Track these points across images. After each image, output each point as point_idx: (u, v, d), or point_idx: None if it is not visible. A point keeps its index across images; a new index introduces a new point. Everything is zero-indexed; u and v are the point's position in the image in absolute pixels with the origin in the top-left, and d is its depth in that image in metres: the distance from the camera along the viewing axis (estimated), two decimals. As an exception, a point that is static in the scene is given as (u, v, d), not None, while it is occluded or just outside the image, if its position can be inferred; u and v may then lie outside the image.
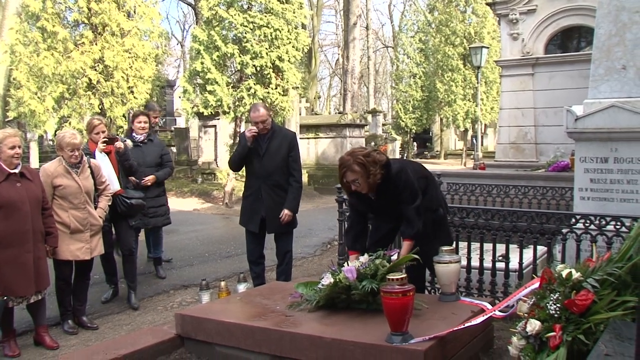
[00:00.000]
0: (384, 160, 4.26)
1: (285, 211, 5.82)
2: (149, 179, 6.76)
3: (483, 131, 32.84)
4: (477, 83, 20.62)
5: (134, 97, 11.82)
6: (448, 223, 4.91)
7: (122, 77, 11.61)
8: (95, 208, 5.48)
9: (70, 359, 3.93)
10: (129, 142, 6.62)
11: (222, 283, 5.79)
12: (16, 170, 4.74)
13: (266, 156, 5.80)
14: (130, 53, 11.89)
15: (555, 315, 3.07)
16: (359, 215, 4.65)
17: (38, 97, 11.29)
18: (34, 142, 18.13)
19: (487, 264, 5.09)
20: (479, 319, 3.59)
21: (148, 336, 4.25)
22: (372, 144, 30.50)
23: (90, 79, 11.40)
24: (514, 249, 5.05)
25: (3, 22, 14.49)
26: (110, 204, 5.74)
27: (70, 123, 11.18)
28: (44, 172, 5.20)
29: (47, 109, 11.25)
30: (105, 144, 5.90)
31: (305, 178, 15.23)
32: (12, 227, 4.64)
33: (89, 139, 6.14)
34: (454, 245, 4.74)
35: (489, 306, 3.92)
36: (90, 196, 5.39)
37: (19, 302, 4.82)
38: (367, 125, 25.22)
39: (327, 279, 3.97)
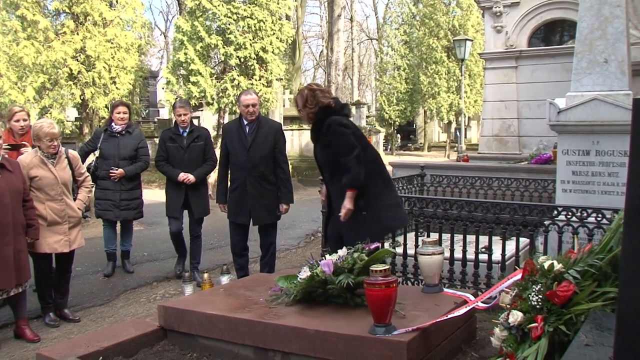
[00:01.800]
0: (324, 105, 4.62)
1: (284, 206, 5.92)
2: (117, 172, 6.57)
3: (467, 124, 33.04)
4: (461, 75, 20.69)
5: (116, 87, 11.69)
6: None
7: (104, 67, 11.47)
8: (75, 200, 5.43)
9: (51, 352, 3.88)
10: None
11: (205, 275, 5.78)
12: (-4, 162, 4.68)
13: (252, 147, 5.78)
14: (112, 43, 11.75)
15: (537, 306, 3.09)
16: None
17: (18, 87, 11.12)
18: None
19: (470, 255, 5.13)
20: (462, 310, 3.61)
21: (130, 328, 4.22)
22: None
23: (71, 69, 11.24)
24: (496, 241, 5.09)
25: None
26: (90, 195, 5.69)
27: (51, 114, 11.03)
28: (19, 163, 5.11)
29: (28, 100, 11.08)
30: (7, 150, 5.40)
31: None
32: (-8, 219, 4.58)
33: (6, 128, 5.88)
34: (435, 236, 4.76)
35: (472, 297, 3.94)
36: (67, 187, 5.31)
37: (-1, 295, 4.77)
38: (351, 117, 25.20)
39: (305, 273, 3.96)
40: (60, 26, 11.67)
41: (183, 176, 6.38)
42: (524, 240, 5.28)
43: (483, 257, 5.09)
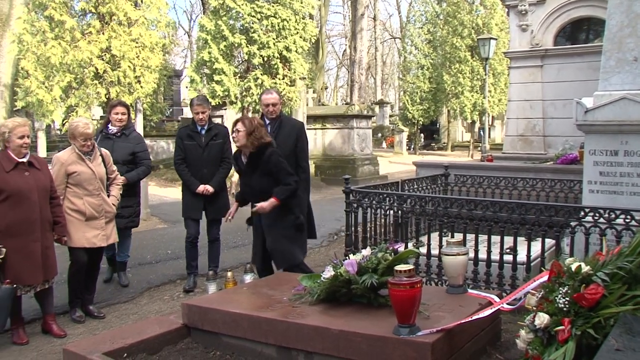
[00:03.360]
0: (266, 142, 5.09)
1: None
2: (120, 180, 6.11)
3: (490, 123, 32.69)
4: (485, 75, 20.48)
5: (141, 86, 11.81)
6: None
7: (129, 66, 11.59)
8: (108, 196, 5.51)
9: (77, 348, 3.92)
10: None
11: (229, 273, 5.79)
12: (24, 160, 4.76)
13: None
14: (137, 42, 11.87)
15: (564, 308, 3.05)
16: None
17: (45, 87, 11.29)
18: (41, 131, 18.16)
19: (495, 256, 5.07)
20: (487, 312, 3.57)
21: (154, 326, 4.26)
22: (379, 135, 30.36)
23: (97, 69, 11.38)
24: (521, 242, 5.03)
25: (11, 12, 14.45)
26: (121, 192, 5.75)
27: (77, 112, 11.17)
28: (57, 160, 5.23)
29: (55, 99, 11.25)
30: None
31: (312, 169, 15.21)
32: (20, 216, 4.67)
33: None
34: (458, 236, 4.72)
35: (497, 299, 3.90)
36: (103, 183, 5.43)
37: (27, 290, 4.86)
38: (374, 116, 25.15)
39: (329, 272, 3.95)
40: (86, 26, 11.83)
41: (202, 189, 6.15)
42: (549, 242, 5.20)
43: (508, 258, 5.03)
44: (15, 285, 4.68)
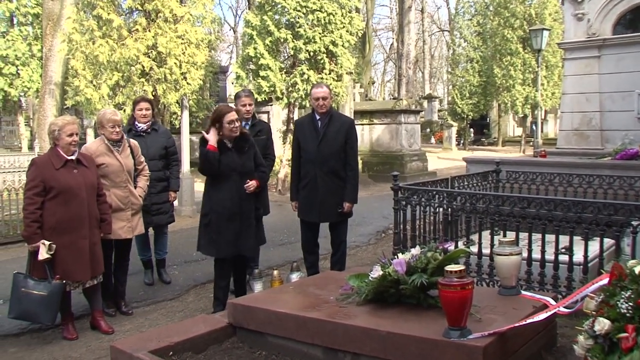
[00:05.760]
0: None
1: (347, 204, 5.75)
2: (172, 197, 6.42)
3: (543, 117, 31.88)
4: (538, 67, 19.91)
5: (187, 83, 11.87)
6: None
7: (175, 63, 11.64)
8: (135, 188, 5.54)
9: (124, 345, 3.93)
10: None
11: (275, 272, 5.72)
12: (73, 157, 4.82)
13: (323, 142, 5.69)
14: (183, 39, 11.92)
15: (628, 314, 2.85)
16: None
17: (94, 85, 11.47)
18: (90, 128, 18.56)
19: (550, 256, 4.86)
20: (543, 315, 3.40)
21: (200, 324, 4.23)
22: (428, 130, 29.98)
23: (143, 66, 11.49)
24: (578, 241, 4.80)
25: (62, 12, 14.78)
26: (148, 184, 5.76)
27: (124, 110, 11.32)
28: (86, 151, 5.25)
29: (103, 97, 11.42)
30: None
31: (359, 165, 15.09)
32: (70, 213, 4.74)
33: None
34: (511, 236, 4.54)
35: (552, 301, 3.72)
36: (130, 175, 5.47)
37: (76, 286, 4.94)
38: (422, 111, 24.84)
39: (377, 272, 3.84)
40: (133, 24, 11.95)
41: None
42: (608, 242, 4.95)
43: (563, 258, 4.81)
44: (64, 281, 4.75)
